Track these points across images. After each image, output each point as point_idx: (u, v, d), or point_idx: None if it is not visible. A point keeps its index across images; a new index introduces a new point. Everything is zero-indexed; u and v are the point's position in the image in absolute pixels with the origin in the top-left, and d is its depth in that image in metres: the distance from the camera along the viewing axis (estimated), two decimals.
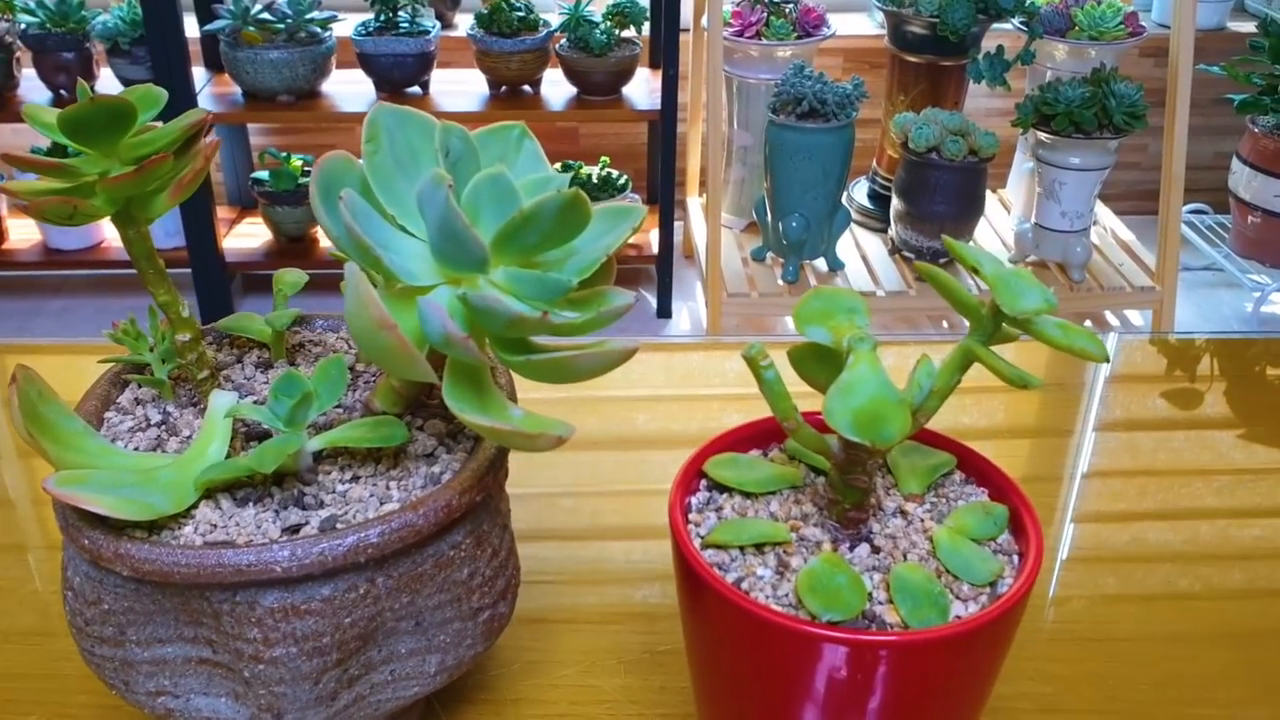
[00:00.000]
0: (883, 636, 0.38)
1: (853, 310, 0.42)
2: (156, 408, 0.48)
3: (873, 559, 0.42)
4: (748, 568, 0.42)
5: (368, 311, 0.38)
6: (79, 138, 0.40)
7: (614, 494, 0.70)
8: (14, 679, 0.54)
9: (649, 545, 0.65)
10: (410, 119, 0.45)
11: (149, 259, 0.44)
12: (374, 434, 0.44)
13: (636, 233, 0.45)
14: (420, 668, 0.45)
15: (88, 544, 0.40)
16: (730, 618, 0.40)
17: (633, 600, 0.60)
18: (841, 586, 0.40)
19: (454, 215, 0.39)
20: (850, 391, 0.38)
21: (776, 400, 0.42)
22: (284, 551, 0.39)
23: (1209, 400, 0.80)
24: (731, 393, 0.80)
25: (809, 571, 0.40)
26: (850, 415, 0.37)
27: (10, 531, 0.67)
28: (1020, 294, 0.39)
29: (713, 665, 0.43)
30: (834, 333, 0.42)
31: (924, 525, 0.44)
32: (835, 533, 0.43)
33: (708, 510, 0.45)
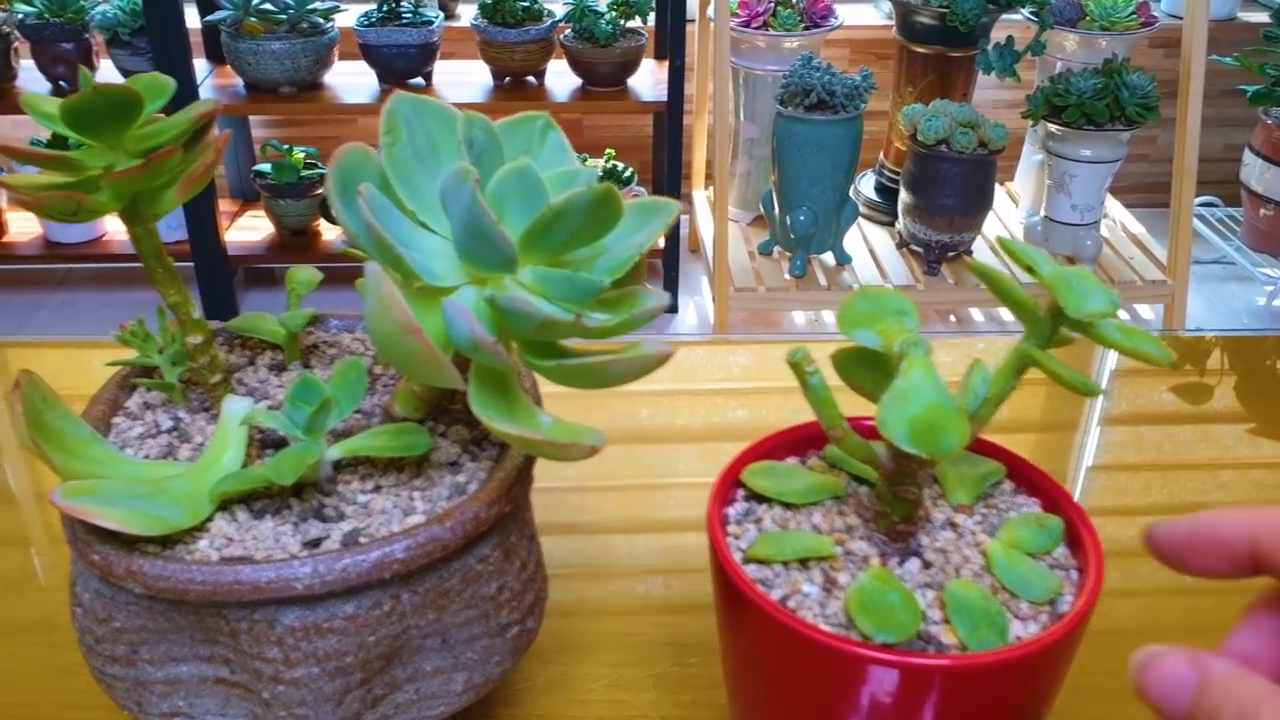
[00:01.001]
0: (944, 660, 0.36)
1: (901, 312, 0.40)
2: (167, 413, 0.46)
3: (924, 575, 0.40)
4: (793, 584, 0.39)
5: (392, 315, 0.36)
6: (82, 129, 0.38)
7: (620, 489, 0.68)
8: (20, 694, 0.52)
9: (662, 540, 0.63)
10: (429, 109, 0.43)
11: (157, 257, 0.41)
12: (397, 442, 0.42)
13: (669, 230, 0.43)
14: (446, 686, 0.43)
15: (98, 560, 0.38)
16: (776, 638, 0.38)
17: (652, 600, 0.58)
18: (894, 605, 0.38)
19: (481, 212, 0.37)
20: (905, 400, 0.36)
21: (822, 407, 0.39)
22: (305, 568, 0.37)
23: (1218, 395, 0.79)
24: (736, 387, 0.79)
25: (859, 589, 0.38)
26: (906, 425, 0.35)
27: (14, 535, 0.65)
28: (1084, 295, 0.37)
29: (754, 686, 0.41)
30: (882, 336, 0.39)
31: (975, 538, 0.42)
32: (883, 546, 0.41)
33: (747, 522, 0.43)
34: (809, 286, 1.98)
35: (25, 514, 0.67)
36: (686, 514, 0.67)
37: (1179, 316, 2.00)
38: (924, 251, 2.01)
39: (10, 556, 0.63)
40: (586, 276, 0.40)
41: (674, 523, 0.66)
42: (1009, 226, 2.17)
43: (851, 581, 0.39)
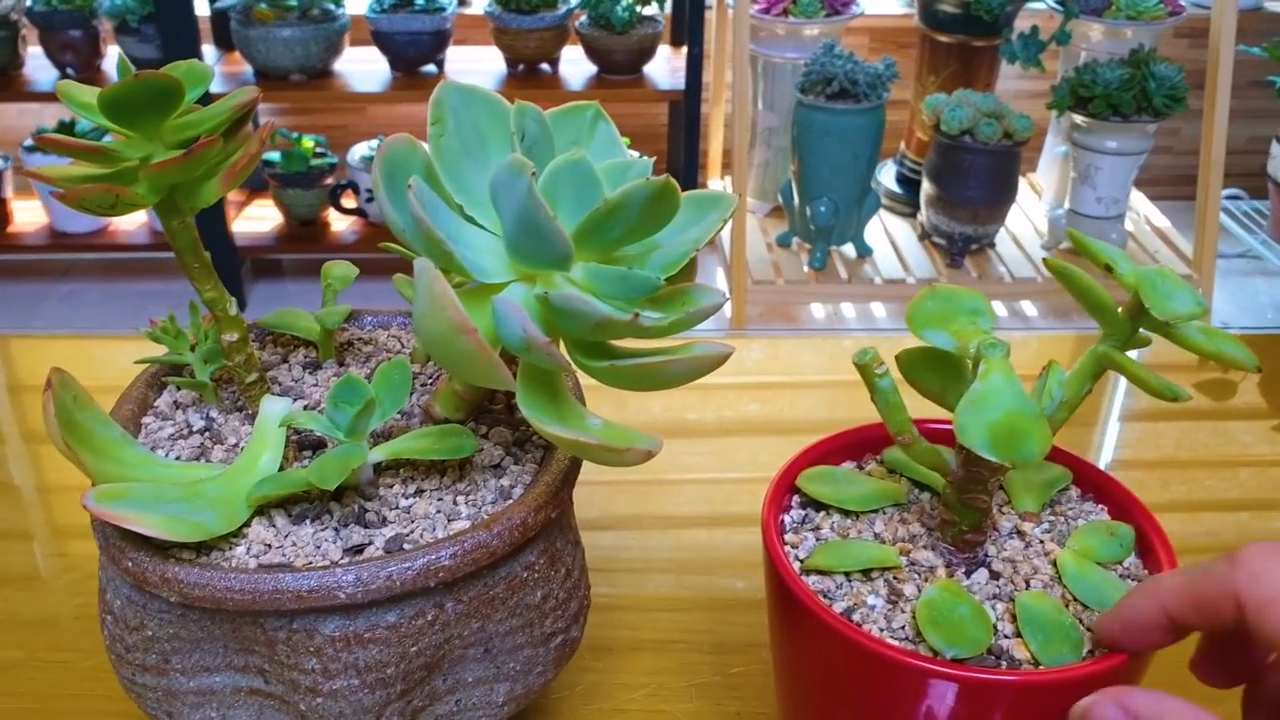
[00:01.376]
0: (1016, 676, 0.34)
1: (976, 311, 0.38)
2: (198, 412, 0.45)
3: (992, 586, 0.38)
4: (856, 596, 0.38)
5: (445, 314, 0.34)
6: (121, 118, 0.36)
7: (627, 484, 0.66)
8: (44, 699, 0.51)
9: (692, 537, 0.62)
10: (477, 98, 0.41)
11: (194, 251, 0.40)
12: (441, 445, 0.40)
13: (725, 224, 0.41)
14: (488, 698, 0.42)
15: (131, 567, 0.37)
16: (840, 652, 0.36)
17: (690, 601, 0.56)
18: (964, 619, 0.36)
19: (537, 207, 0.35)
20: (985, 405, 0.34)
21: (891, 412, 0.38)
22: (348, 575, 0.36)
23: (1241, 392, 0.77)
24: (750, 381, 0.77)
25: (928, 602, 0.36)
26: (986, 431, 0.33)
27: (38, 532, 0.63)
28: (1169, 296, 0.36)
29: (813, 700, 0.40)
30: (956, 337, 0.38)
31: (1044, 547, 0.40)
32: (949, 556, 0.39)
33: (804, 530, 0.41)
34: (829, 279, 1.96)
35: (40, 510, 0.66)
36: (719, 510, 0.65)
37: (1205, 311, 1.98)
38: (947, 244, 1.99)
39: (25, 554, 0.61)
40: (642, 274, 0.38)
41: (690, 519, 0.64)
42: (1033, 219, 2.14)
43: (918, 593, 0.38)
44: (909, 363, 0.40)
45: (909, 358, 0.40)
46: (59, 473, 0.68)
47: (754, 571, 0.59)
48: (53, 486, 0.67)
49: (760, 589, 0.57)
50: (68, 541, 0.62)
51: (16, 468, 0.69)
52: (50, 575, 0.59)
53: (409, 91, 2.14)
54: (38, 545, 0.62)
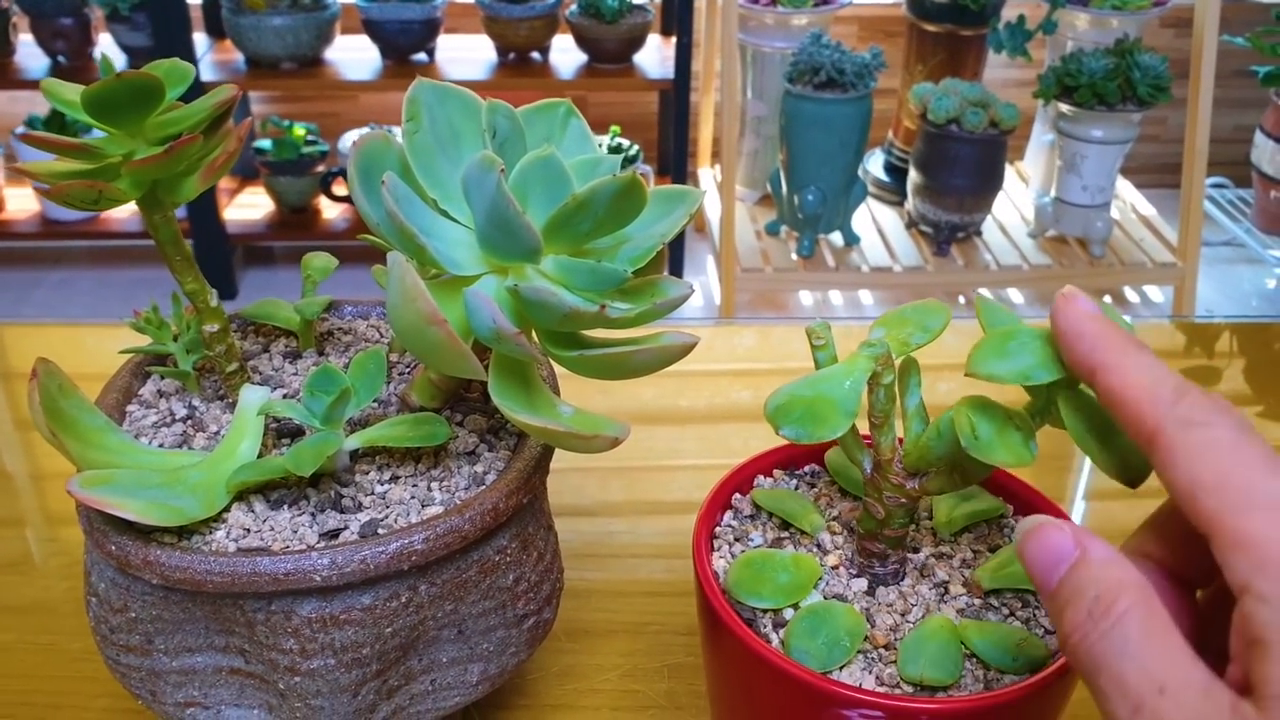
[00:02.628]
0: (852, 691, 0.36)
1: (925, 329, 0.40)
2: (181, 401, 0.46)
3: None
4: None
5: (416, 305, 0.35)
6: (103, 116, 0.38)
7: (627, 470, 0.67)
8: (32, 680, 0.52)
9: (670, 523, 0.63)
10: (451, 95, 0.42)
11: (175, 244, 0.41)
12: (416, 432, 0.41)
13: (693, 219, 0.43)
14: (462, 677, 0.43)
15: (114, 550, 0.38)
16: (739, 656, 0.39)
17: (663, 586, 0.58)
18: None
19: (506, 202, 0.36)
20: (807, 384, 0.37)
21: None
22: (324, 559, 0.37)
23: (1226, 379, 0.79)
24: (742, 368, 0.78)
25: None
26: (786, 401, 0.37)
27: (21, 517, 0.64)
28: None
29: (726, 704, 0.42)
30: (886, 338, 0.40)
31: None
32: (864, 570, 0.41)
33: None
34: (816, 267, 1.97)
35: (31, 496, 0.67)
36: (694, 497, 0.66)
37: (1189, 299, 2.00)
38: (933, 232, 2.00)
39: (17, 539, 0.62)
40: (609, 266, 0.39)
41: (681, 505, 0.65)
42: (1019, 207, 2.15)
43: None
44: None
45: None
46: (49, 459, 0.70)
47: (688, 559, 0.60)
48: (43, 473, 0.68)
49: None
50: (58, 527, 0.63)
51: (8, 454, 0.70)
52: (40, 560, 0.60)
53: (399, 80, 2.15)
54: (29, 530, 0.63)
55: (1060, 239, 2.05)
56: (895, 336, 0.39)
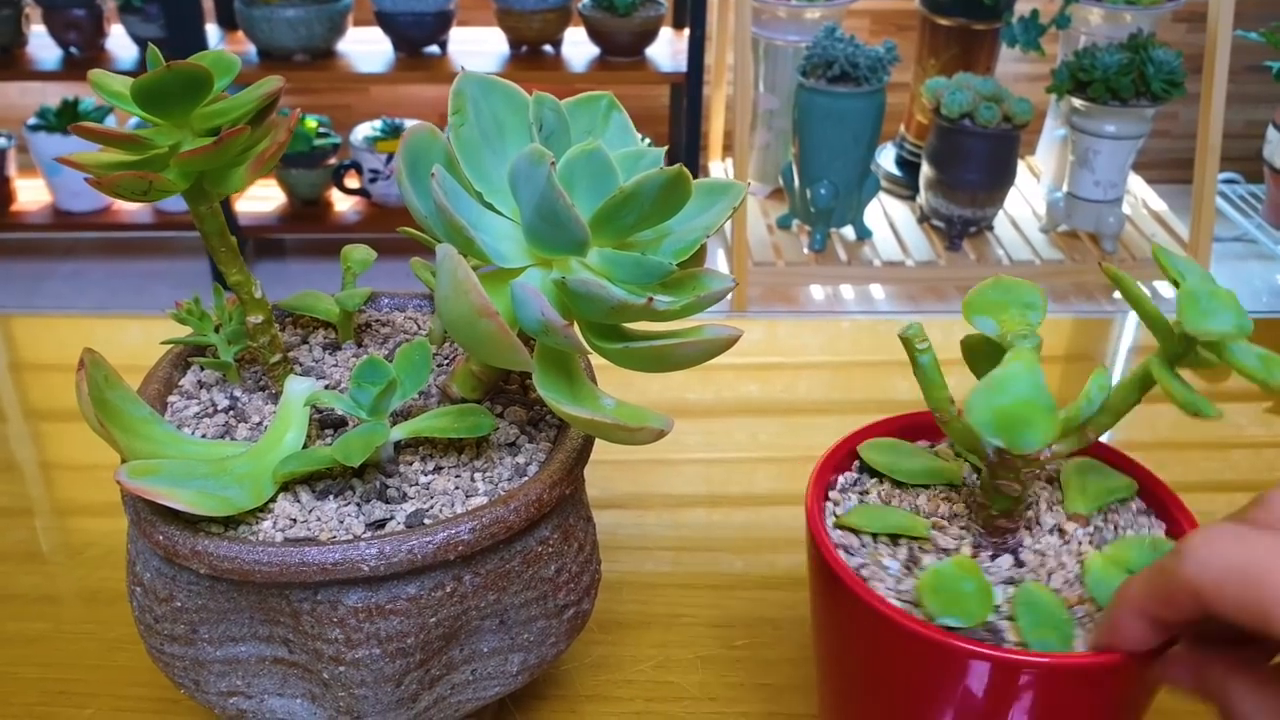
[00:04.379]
0: (988, 650, 0.35)
1: (1029, 305, 0.40)
2: (222, 392, 0.46)
3: (1013, 572, 0.40)
4: (874, 555, 0.40)
5: (468, 298, 0.36)
6: (152, 107, 0.38)
7: (627, 463, 0.68)
8: (68, 668, 0.52)
9: (703, 516, 0.63)
10: (496, 89, 0.42)
11: (221, 236, 0.41)
12: (460, 423, 0.41)
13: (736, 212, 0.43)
14: (502, 667, 0.43)
15: (163, 540, 0.38)
16: (846, 603, 0.38)
17: (696, 579, 0.58)
18: (967, 593, 0.37)
19: (556, 195, 0.37)
20: (997, 389, 0.35)
21: (931, 389, 0.39)
22: (371, 549, 0.37)
23: (1235, 376, 0.79)
24: (745, 363, 0.78)
25: (936, 571, 0.38)
26: (991, 414, 0.35)
27: (61, 507, 0.65)
28: (1209, 314, 0.35)
29: (833, 650, 0.42)
30: (1001, 326, 0.39)
31: (1080, 549, 0.41)
32: (979, 538, 0.41)
33: (851, 491, 0.43)
34: (829, 261, 1.97)
35: (65, 487, 0.67)
36: (717, 490, 0.67)
37: None
38: (946, 226, 2.00)
39: (56, 530, 0.63)
40: (655, 259, 0.39)
41: (702, 499, 0.66)
42: (1031, 202, 2.15)
43: (933, 564, 0.39)
44: (969, 347, 0.41)
45: (970, 343, 0.41)
46: (61, 450, 0.70)
47: (754, 551, 0.61)
48: (55, 463, 0.69)
49: (764, 568, 0.59)
50: (72, 518, 0.64)
51: (18, 446, 0.70)
52: (71, 551, 0.61)
53: (412, 72, 2.15)
54: (59, 522, 0.64)
55: (1072, 234, 2.05)
56: (1012, 321, 0.39)
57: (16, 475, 0.67)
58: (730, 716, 0.50)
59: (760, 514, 0.64)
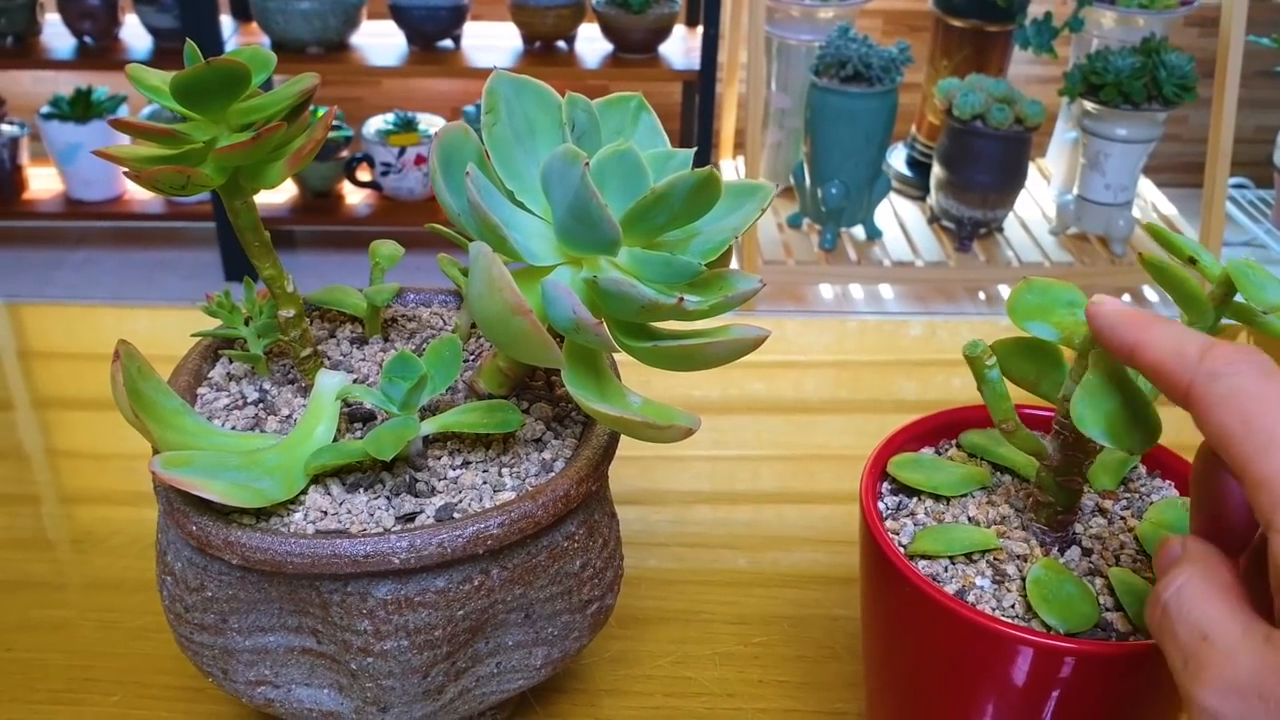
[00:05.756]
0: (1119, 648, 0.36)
1: (1073, 303, 0.40)
2: (252, 385, 0.46)
3: (1085, 562, 0.40)
4: (965, 578, 0.40)
5: (501, 295, 0.36)
6: (190, 102, 0.38)
7: (632, 460, 0.68)
8: (93, 655, 0.53)
9: (720, 513, 0.64)
10: (528, 88, 0.42)
11: (255, 230, 0.42)
12: (489, 419, 0.42)
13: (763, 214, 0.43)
14: (526, 661, 0.44)
15: (195, 530, 0.39)
16: (960, 634, 0.38)
17: (714, 576, 0.58)
18: (1073, 596, 0.38)
19: (589, 194, 0.37)
20: (1100, 394, 0.36)
21: (997, 401, 0.39)
22: (402, 542, 0.38)
23: None
24: (752, 361, 0.79)
25: (1036, 580, 0.38)
26: (1104, 421, 0.35)
27: (84, 495, 0.65)
28: (1263, 286, 0.36)
29: (922, 684, 0.41)
30: (1059, 328, 0.39)
31: (1126, 523, 0.42)
32: (1041, 536, 0.41)
33: (901, 516, 0.43)
34: (838, 260, 1.98)
35: (89, 476, 0.68)
36: (720, 488, 0.67)
37: None
38: (956, 227, 2.00)
39: (78, 517, 0.63)
40: (684, 259, 0.40)
41: (705, 496, 0.66)
42: (1041, 204, 2.15)
43: (1018, 573, 0.40)
44: (1004, 352, 0.41)
45: (1005, 348, 0.41)
46: (75, 439, 0.70)
47: (759, 549, 0.61)
48: (70, 452, 0.69)
49: (774, 565, 0.59)
50: (93, 507, 0.64)
51: (26, 434, 0.71)
52: (94, 540, 0.61)
53: (425, 66, 2.15)
54: (80, 510, 0.64)
55: (1081, 237, 2.05)
56: (1066, 322, 0.39)
57: (30, 464, 0.68)
58: (749, 713, 0.50)
59: (764, 511, 0.65)
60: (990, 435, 0.46)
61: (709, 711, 0.51)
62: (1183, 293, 0.38)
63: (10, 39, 2.17)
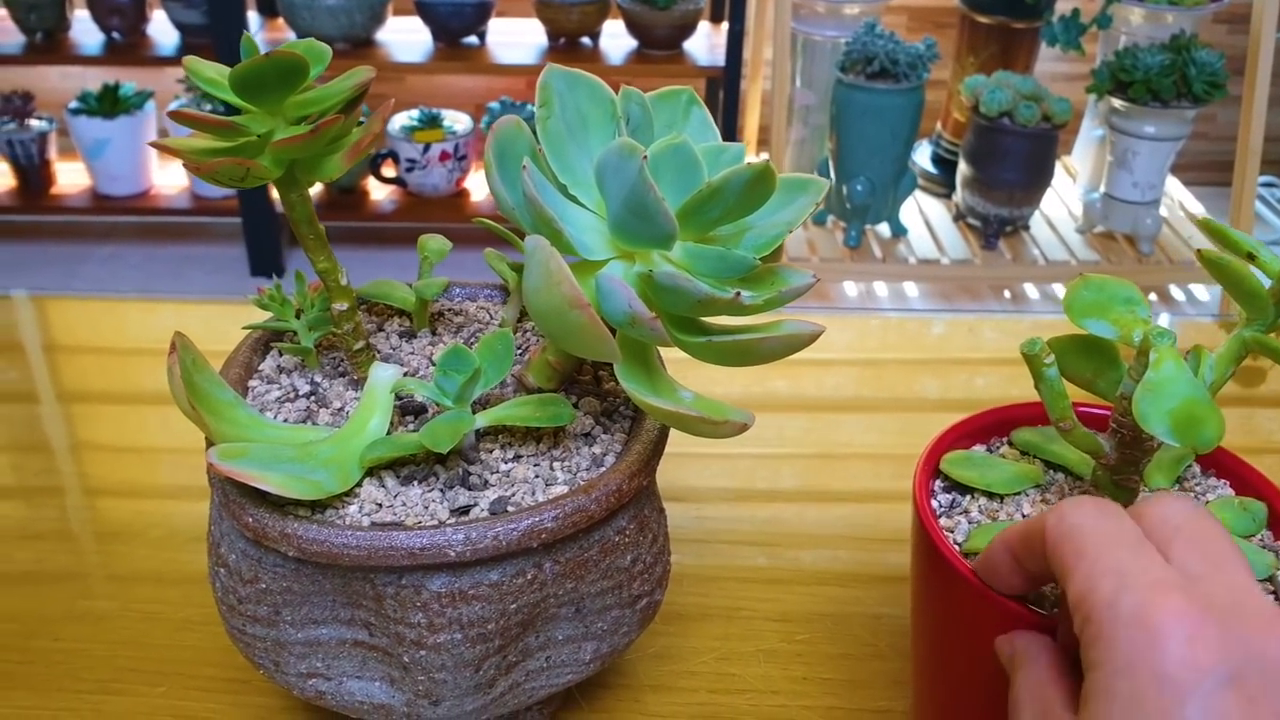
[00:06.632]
0: None
1: (1130, 300, 0.40)
2: (303, 377, 0.47)
3: None
4: None
5: (560, 289, 0.36)
6: (248, 95, 0.38)
7: (717, 457, 0.68)
8: (138, 647, 0.53)
9: (760, 511, 0.63)
10: (581, 82, 0.42)
11: (310, 223, 0.42)
12: (541, 413, 0.42)
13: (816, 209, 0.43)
14: (575, 655, 0.44)
15: (251, 522, 0.39)
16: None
17: (756, 573, 0.58)
18: None
19: (647, 188, 0.37)
20: (1162, 393, 0.36)
21: (1056, 399, 0.39)
22: (458, 535, 0.38)
23: (1271, 380, 0.79)
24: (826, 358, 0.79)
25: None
26: (1167, 419, 0.35)
27: (119, 487, 0.66)
28: None
29: (975, 681, 0.41)
30: (1117, 325, 0.39)
31: None
32: None
33: (955, 514, 0.43)
34: (863, 258, 1.97)
35: (121, 469, 0.68)
36: (741, 485, 0.67)
37: None
38: (982, 225, 1.99)
39: (110, 510, 0.64)
40: (739, 254, 0.40)
41: (725, 494, 0.66)
42: (1067, 202, 2.14)
43: None
44: (1061, 350, 0.41)
45: (1061, 345, 0.41)
46: (94, 431, 0.71)
47: (777, 546, 0.61)
48: (89, 445, 0.70)
49: (811, 564, 0.59)
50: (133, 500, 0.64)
51: (53, 427, 0.71)
52: (134, 531, 0.61)
53: (450, 63, 2.15)
54: (124, 503, 0.65)
55: (1108, 235, 2.04)
56: (1124, 320, 0.39)
57: (56, 457, 0.68)
58: (794, 710, 0.50)
59: (791, 510, 0.64)
60: (1043, 433, 0.46)
61: (753, 708, 0.50)
62: (1242, 289, 0.38)
63: (39, 35, 2.18)
